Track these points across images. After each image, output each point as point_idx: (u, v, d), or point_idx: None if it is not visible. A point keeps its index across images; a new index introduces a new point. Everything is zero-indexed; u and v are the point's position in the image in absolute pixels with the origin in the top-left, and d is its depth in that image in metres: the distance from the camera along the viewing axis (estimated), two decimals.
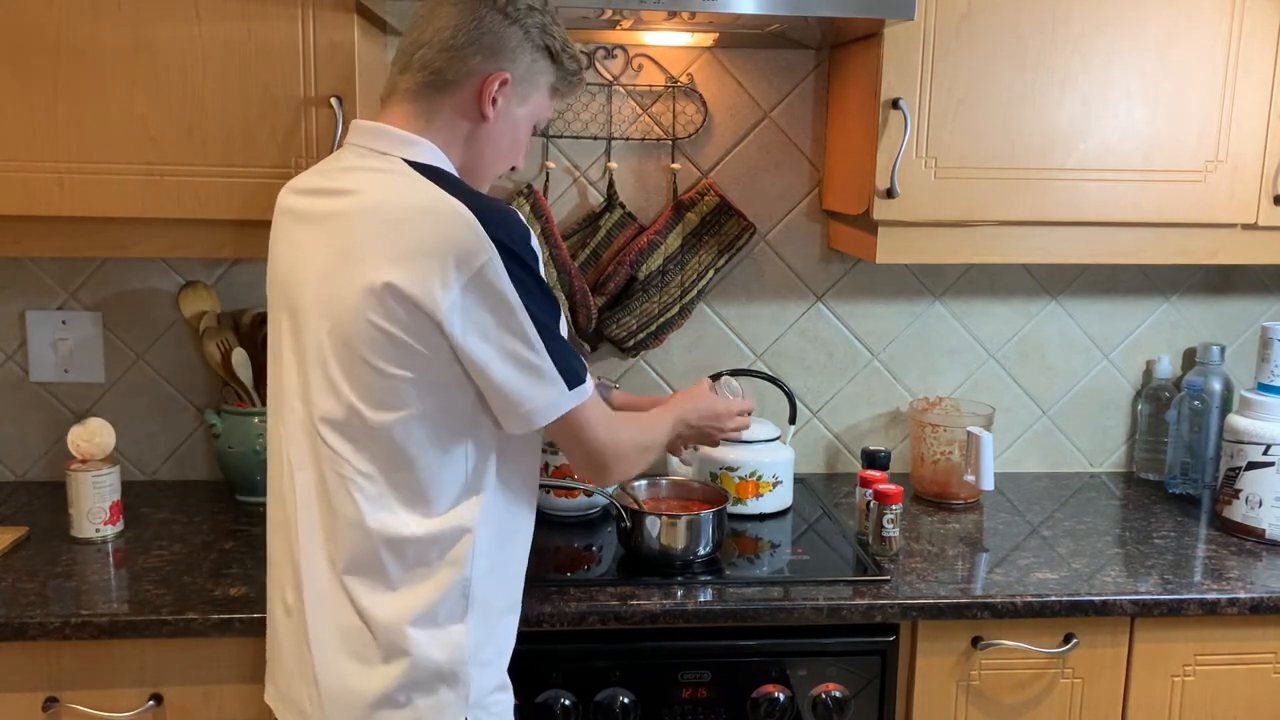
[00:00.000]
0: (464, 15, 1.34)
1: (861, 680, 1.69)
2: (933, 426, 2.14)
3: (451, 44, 1.33)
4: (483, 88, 1.34)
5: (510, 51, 1.35)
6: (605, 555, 1.85)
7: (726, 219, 2.17)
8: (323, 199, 1.35)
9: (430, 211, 1.25)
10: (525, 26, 1.36)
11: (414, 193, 1.28)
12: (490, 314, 1.26)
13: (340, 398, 1.29)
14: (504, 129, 1.39)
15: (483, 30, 1.33)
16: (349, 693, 1.31)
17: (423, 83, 1.35)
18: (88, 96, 1.69)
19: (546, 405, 1.31)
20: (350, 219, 1.29)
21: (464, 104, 1.35)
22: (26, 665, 1.57)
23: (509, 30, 1.35)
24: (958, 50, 1.81)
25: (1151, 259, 1.95)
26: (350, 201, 1.31)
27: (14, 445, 2.16)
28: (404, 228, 1.25)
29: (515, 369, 1.29)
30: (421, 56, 1.34)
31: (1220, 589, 1.73)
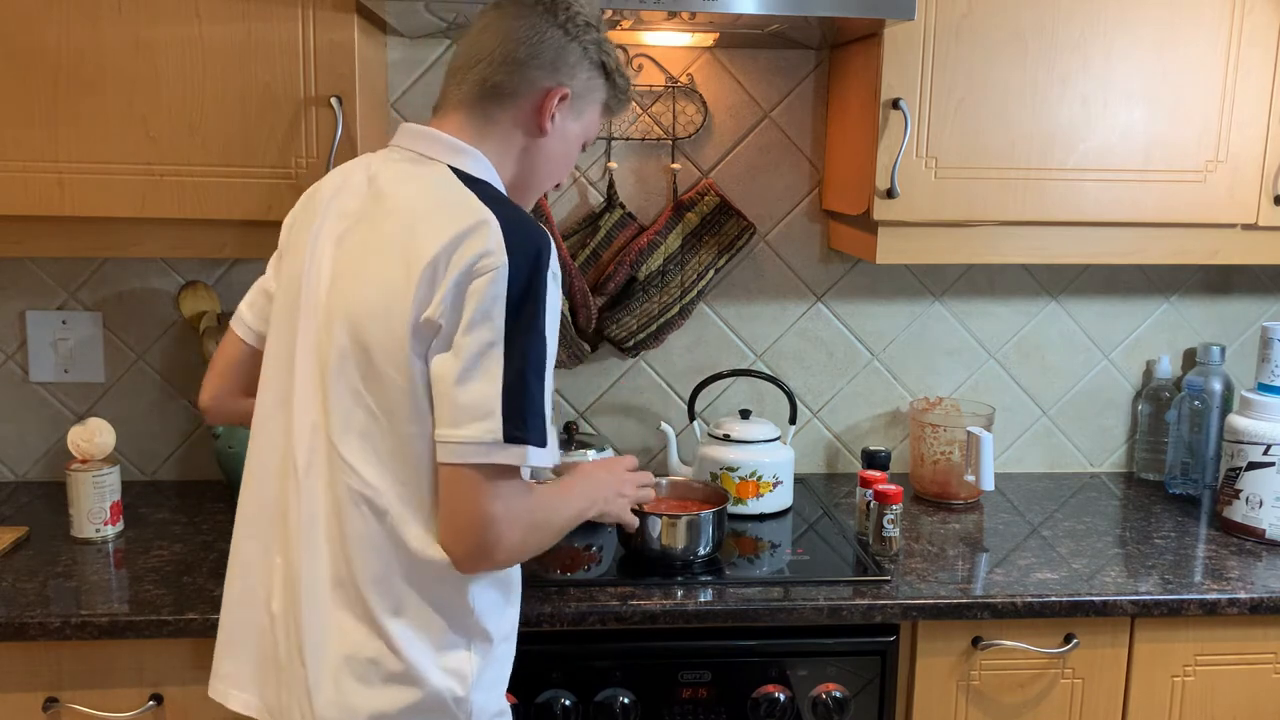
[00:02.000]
0: (525, 29, 1.33)
1: (861, 680, 1.69)
2: (933, 426, 2.14)
3: (514, 57, 1.32)
4: (543, 102, 1.34)
5: (570, 67, 1.36)
6: (605, 555, 1.85)
7: (726, 219, 2.17)
8: (347, 197, 1.33)
9: (454, 210, 1.24)
10: (584, 43, 1.36)
11: (443, 190, 1.27)
12: (466, 316, 1.20)
13: (358, 400, 1.26)
14: (558, 144, 1.39)
15: (544, 45, 1.33)
16: (346, 710, 1.28)
17: (480, 95, 1.34)
18: (88, 96, 1.69)
19: (463, 443, 1.20)
20: (381, 222, 1.27)
21: (522, 117, 1.35)
22: (26, 665, 1.57)
23: (569, 45, 1.35)
24: (958, 50, 1.81)
25: (1151, 259, 1.95)
26: (384, 205, 1.29)
27: (14, 445, 2.16)
28: (423, 227, 1.23)
29: (459, 390, 1.19)
30: (480, 71, 1.34)
31: (1220, 589, 1.73)
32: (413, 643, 1.28)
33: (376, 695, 1.27)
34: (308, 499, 1.29)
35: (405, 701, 1.28)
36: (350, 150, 1.74)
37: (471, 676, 1.31)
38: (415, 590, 1.28)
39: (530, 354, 1.21)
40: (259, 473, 1.37)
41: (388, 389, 1.25)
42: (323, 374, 1.28)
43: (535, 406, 1.22)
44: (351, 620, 1.28)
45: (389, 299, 1.23)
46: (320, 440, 1.29)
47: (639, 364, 2.26)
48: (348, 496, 1.27)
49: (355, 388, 1.26)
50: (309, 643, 1.29)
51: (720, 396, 2.28)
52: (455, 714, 1.30)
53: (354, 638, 1.28)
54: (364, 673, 1.28)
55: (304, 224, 1.38)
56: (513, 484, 1.23)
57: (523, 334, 1.21)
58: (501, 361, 1.20)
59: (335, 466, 1.28)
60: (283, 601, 1.32)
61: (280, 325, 1.37)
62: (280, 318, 1.37)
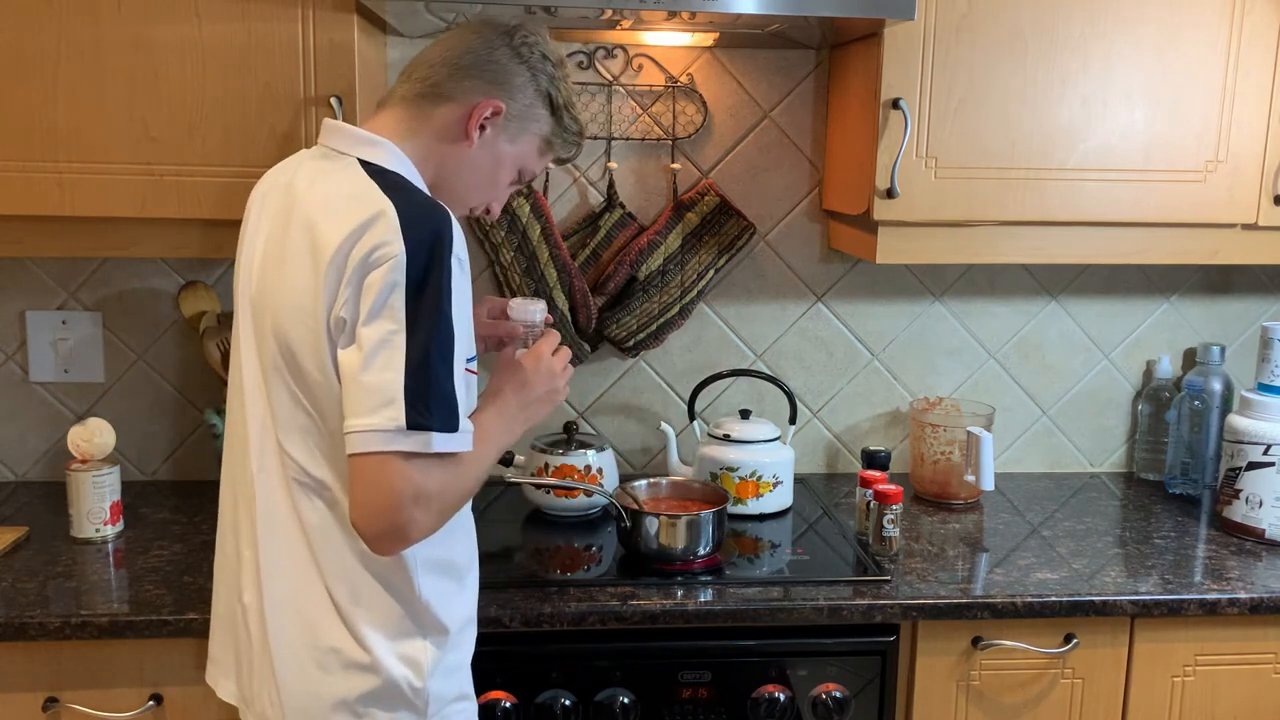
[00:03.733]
0: (478, 42, 1.38)
1: (861, 680, 1.69)
2: (933, 426, 2.14)
3: (457, 63, 1.36)
4: (473, 110, 1.36)
5: (512, 87, 1.38)
6: (605, 555, 1.85)
7: (726, 219, 2.17)
8: (275, 195, 1.36)
9: (353, 203, 1.23)
10: (534, 70, 1.39)
11: (346, 184, 1.28)
12: (365, 308, 1.20)
13: (295, 400, 1.29)
14: (484, 159, 1.39)
15: (492, 60, 1.37)
16: (310, 698, 1.31)
17: (418, 93, 1.37)
18: (88, 96, 1.69)
19: (366, 431, 1.18)
20: (292, 222, 1.29)
21: (451, 122, 1.37)
22: (26, 665, 1.57)
23: (516, 68, 1.38)
24: (958, 50, 1.81)
25: (1151, 259, 1.95)
26: (296, 204, 1.31)
27: (14, 445, 2.16)
28: (326, 224, 1.24)
29: (363, 379, 1.19)
30: (423, 71, 1.38)
31: (1220, 589, 1.73)
32: (371, 631, 1.31)
33: (338, 682, 1.31)
34: (264, 494, 1.33)
35: (364, 688, 1.31)
36: None
37: (427, 665, 1.33)
38: (373, 578, 1.31)
39: (434, 339, 1.20)
40: (228, 469, 1.42)
41: (314, 388, 1.27)
42: (264, 374, 1.32)
43: (440, 391, 1.20)
44: (313, 609, 1.31)
45: (302, 299, 1.25)
46: (269, 438, 1.32)
47: (639, 364, 2.26)
48: (300, 490, 1.30)
49: (290, 388, 1.29)
50: (274, 632, 1.32)
51: (720, 396, 2.28)
52: (413, 702, 1.33)
53: (316, 626, 1.31)
54: (325, 660, 1.31)
55: (247, 223, 1.41)
56: (421, 465, 1.20)
57: (425, 320, 1.20)
58: (403, 349, 1.19)
59: (285, 462, 1.31)
60: (253, 593, 1.35)
61: (235, 327, 1.40)
62: (236, 319, 1.40)
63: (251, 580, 1.35)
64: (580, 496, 1.99)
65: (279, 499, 1.32)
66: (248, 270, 1.36)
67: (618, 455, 2.19)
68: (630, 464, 2.29)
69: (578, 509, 2.01)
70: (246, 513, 1.36)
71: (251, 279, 1.34)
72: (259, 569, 1.34)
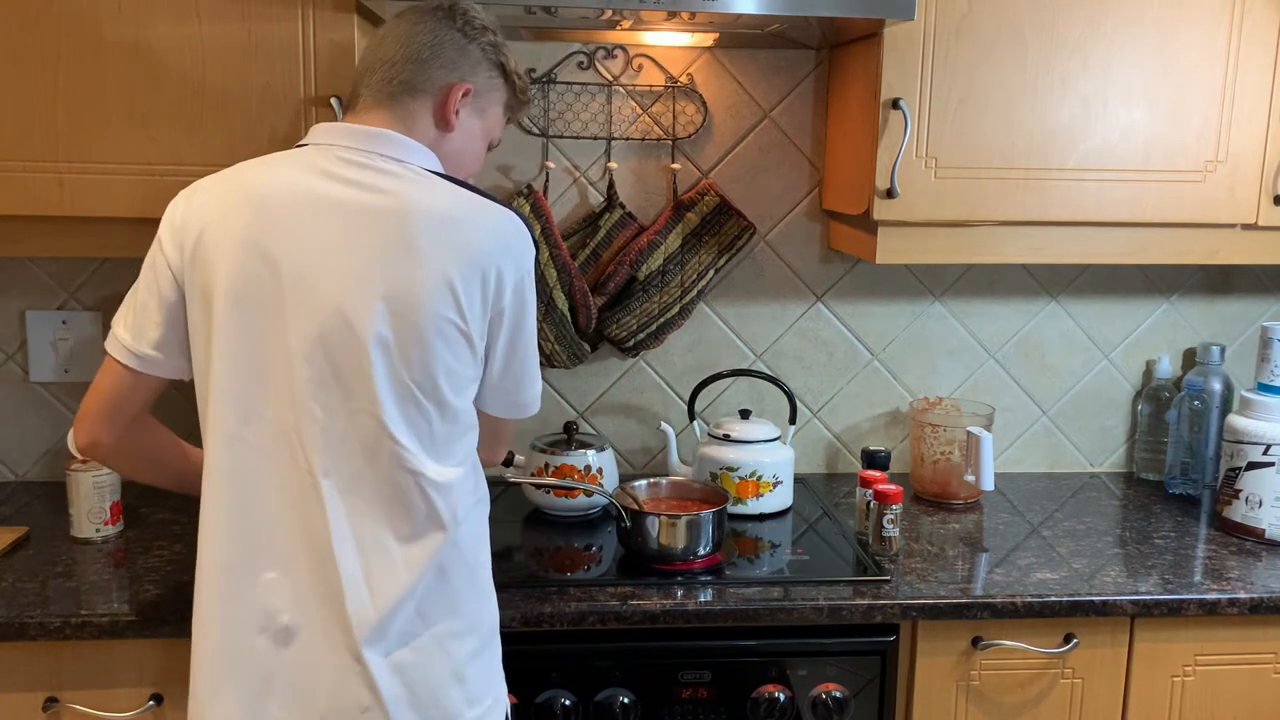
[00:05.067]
0: (425, 33, 1.40)
1: (861, 680, 1.69)
2: (933, 426, 2.14)
3: (416, 57, 1.39)
4: (448, 97, 1.40)
5: (471, 65, 1.42)
6: (605, 555, 1.85)
7: (726, 219, 2.17)
8: (356, 191, 1.31)
9: (486, 217, 1.34)
10: (481, 44, 1.43)
11: (462, 199, 1.35)
12: (523, 314, 1.38)
13: (426, 393, 1.31)
14: (464, 139, 1.45)
15: (444, 46, 1.40)
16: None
17: (391, 93, 1.39)
18: (88, 96, 1.69)
19: (534, 399, 1.46)
20: (402, 219, 1.29)
21: (431, 112, 1.41)
22: (26, 665, 1.57)
23: (469, 46, 1.42)
24: (958, 50, 1.81)
25: (1151, 259, 1.95)
26: (395, 201, 1.30)
27: (14, 445, 2.16)
28: (464, 231, 1.31)
29: (530, 364, 1.43)
30: (385, 71, 1.39)
31: (1220, 589, 1.73)
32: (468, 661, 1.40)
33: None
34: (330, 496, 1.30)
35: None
36: None
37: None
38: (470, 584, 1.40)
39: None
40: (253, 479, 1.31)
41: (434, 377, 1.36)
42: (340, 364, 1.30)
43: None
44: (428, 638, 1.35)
45: (431, 296, 1.31)
46: (359, 434, 1.31)
47: (639, 364, 2.26)
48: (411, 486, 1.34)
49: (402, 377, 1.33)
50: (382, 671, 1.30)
51: (720, 396, 2.28)
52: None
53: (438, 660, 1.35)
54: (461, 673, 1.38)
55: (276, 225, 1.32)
56: None
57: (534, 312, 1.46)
58: (534, 338, 1.47)
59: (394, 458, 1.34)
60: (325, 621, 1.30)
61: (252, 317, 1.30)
62: (248, 310, 1.30)
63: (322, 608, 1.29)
64: (580, 496, 1.99)
65: (372, 504, 1.30)
66: (320, 263, 1.29)
67: (618, 455, 2.19)
68: (630, 464, 2.29)
69: (578, 509, 2.01)
70: (317, 527, 1.30)
71: (338, 274, 1.28)
72: (341, 594, 1.29)
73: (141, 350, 1.37)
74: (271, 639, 1.31)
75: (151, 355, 1.37)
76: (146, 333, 1.36)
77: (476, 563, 1.39)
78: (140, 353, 1.37)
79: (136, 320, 1.37)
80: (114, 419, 1.40)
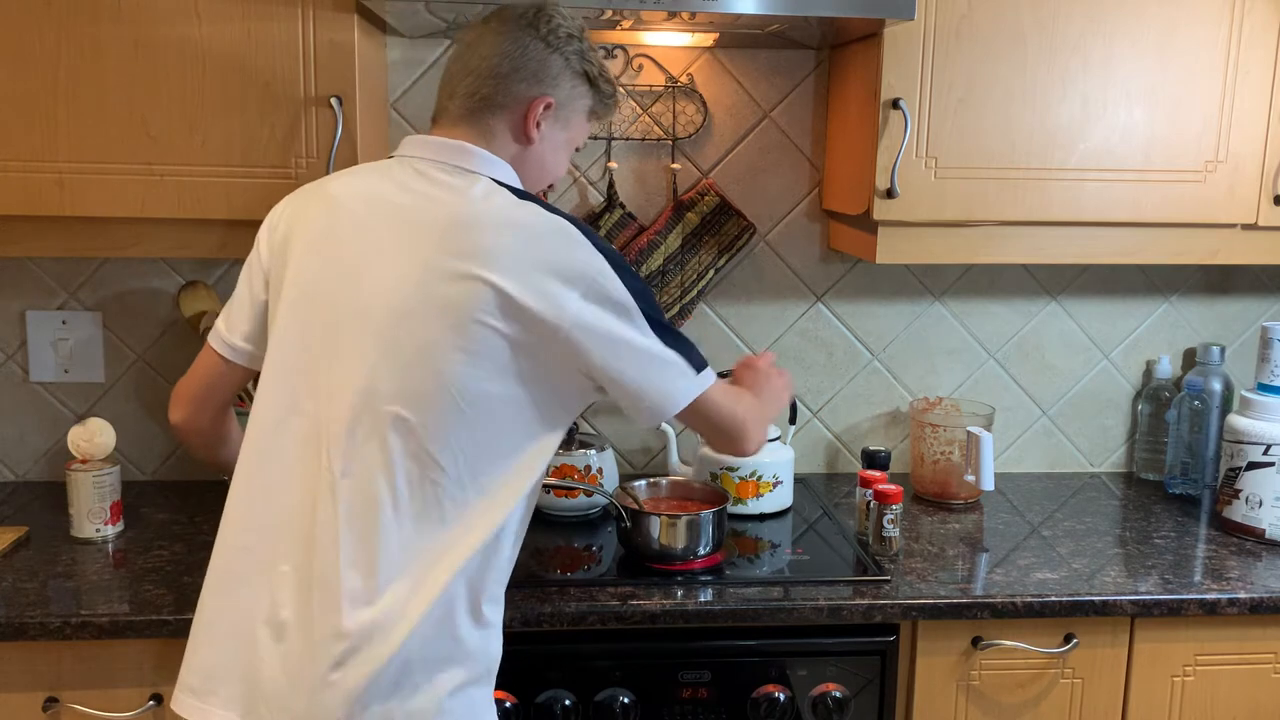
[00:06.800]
0: (508, 44, 1.41)
1: (861, 680, 1.69)
2: (933, 426, 2.14)
3: (498, 71, 1.40)
4: (528, 112, 1.41)
5: (553, 78, 1.43)
6: (605, 555, 1.85)
7: (726, 219, 2.17)
8: (413, 198, 1.35)
9: (544, 228, 1.32)
10: (565, 54, 1.43)
11: (523, 209, 1.34)
12: (613, 319, 1.32)
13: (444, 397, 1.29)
14: (545, 151, 1.46)
15: (527, 58, 1.41)
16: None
17: (472, 108, 1.41)
18: (88, 96, 1.69)
19: (678, 392, 1.38)
20: (458, 227, 1.30)
21: (512, 127, 1.42)
22: (26, 665, 1.57)
23: (552, 58, 1.42)
24: (958, 50, 1.81)
25: (1151, 259, 1.95)
26: (454, 210, 1.32)
27: (14, 445, 2.16)
28: (522, 242, 1.30)
29: (645, 365, 1.35)
30: (468, 84, 1.41)
31: (1220, 589, 1.73)
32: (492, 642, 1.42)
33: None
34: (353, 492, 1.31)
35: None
36: (350, 150, 1.74)
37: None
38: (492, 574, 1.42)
39: (654, 309, 1.41)
40: (277, 475, 1.34)
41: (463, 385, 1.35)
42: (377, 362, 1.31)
43: (684, 339, 1.44)
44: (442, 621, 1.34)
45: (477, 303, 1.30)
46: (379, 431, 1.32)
47: None
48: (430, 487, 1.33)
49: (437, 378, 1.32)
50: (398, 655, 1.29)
51: None
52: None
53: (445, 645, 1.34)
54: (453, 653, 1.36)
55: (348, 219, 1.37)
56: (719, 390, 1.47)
57: (642, 299, 1.38)
58: (651, 330, 1.40)
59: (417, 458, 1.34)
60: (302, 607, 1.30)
61: (303, 318, 1.36)
62: (301, 310, 1.36)
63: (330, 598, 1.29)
64: (580, 496, 1.99)
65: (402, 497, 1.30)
66: (372, 268, 1.32)
67: (618, 455, 2.19)
68: (630, 464, 2.29)
69: (578, 509, 2.01)
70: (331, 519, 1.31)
71: (389, 278, 1.30)
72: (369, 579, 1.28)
73: (233, 341, 1.47)
74: (271, 632, 1.30)
75: (241, 346, 1.47)
76: (238, 325, 1.47)
77: (484, 597, 1.37)
78: (232, 343, 1.47)
79: (232, 313, 1.48)
80: (205, 402, 1.53)
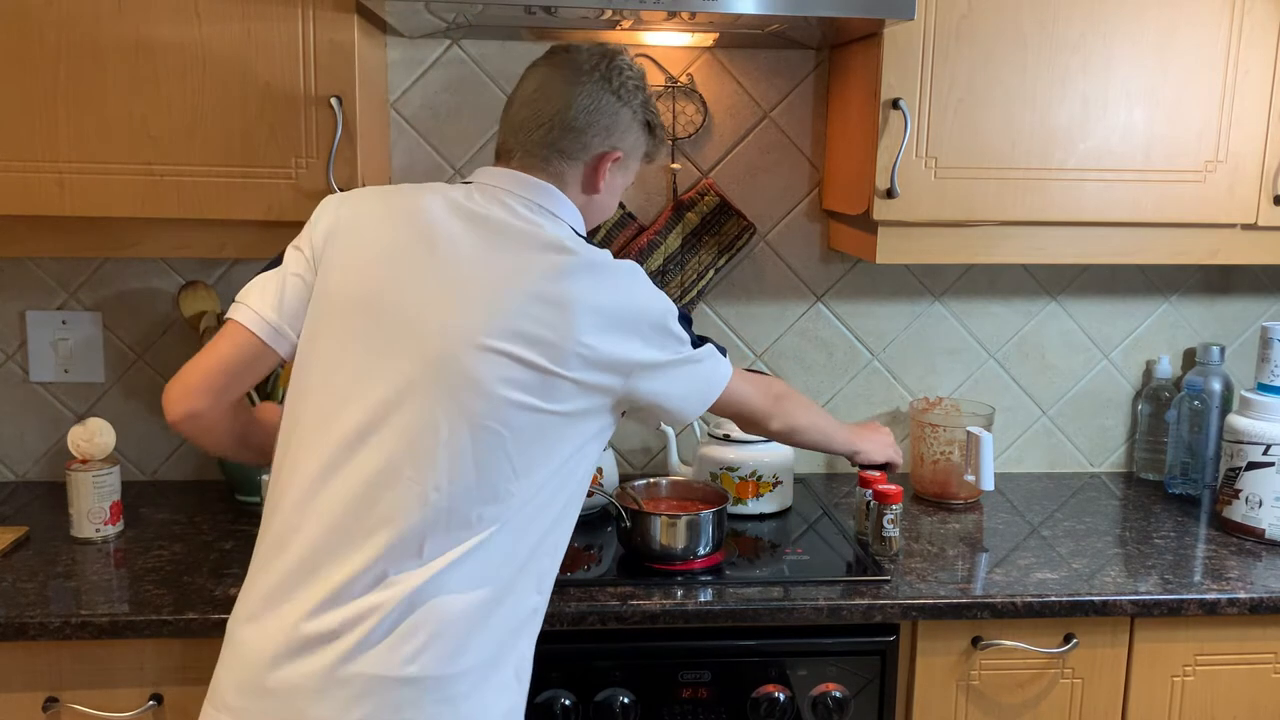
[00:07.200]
0: (584, 98, 1.43)
1: (861, 680, 1.69)
2: (933, 426, 2.14)
3: (574, 125, 1.43)
4: (599, 165, 1.46)
5: (622, 131, 1.47)
6: (605, 555, 1.85)
7: (726, 219, 2.17)
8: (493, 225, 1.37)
9: (633, 281, 1.39)
10: (633, 107, 1.47)
11: (610, 262, 1.39)
12: (668, 354, 1.41)
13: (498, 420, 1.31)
14: (607, 198, 1.52)
15: (600, 112, 1.44)
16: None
17: (544, 157, 1.43)
18: (88, 96, 1.69)
19: (714, 380, 1.51)
20: (549, 265, 1.34)
21: (581, 177, 1.46)
22: (26, 665, 1.57)
23: (622, 110, 1.46)
24: (958, 50, 1.81)
25: (1151, 259, 1.95)
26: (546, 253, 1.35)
27: (14, 445, 2.16)
28: (609, 292, 1.35)
29: (686, 379, 1.45)
30: (541, 134, 1.43)
31: (1220, 589, 1.73)
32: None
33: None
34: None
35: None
36: (350, 150, 1.74)
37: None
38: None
39: (684, 323, 1.51)
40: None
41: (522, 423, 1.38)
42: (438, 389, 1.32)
43: (704, 338, 1.56)
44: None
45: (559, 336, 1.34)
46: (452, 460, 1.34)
47: None
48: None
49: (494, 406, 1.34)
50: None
51: None
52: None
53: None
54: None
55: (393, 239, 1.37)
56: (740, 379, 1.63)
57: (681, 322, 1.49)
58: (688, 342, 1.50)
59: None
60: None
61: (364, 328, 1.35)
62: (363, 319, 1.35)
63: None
64: None
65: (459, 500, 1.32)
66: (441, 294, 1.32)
67: (618, 455, 2.19)
68: (630, 464, 2.29)
69: None
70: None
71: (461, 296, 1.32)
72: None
73: (277, 321, 1.39)
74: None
75: (285, 329, 1.39)
76: (286, 305, 1.39)
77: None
78: (275, 323, 1.39)
79: (276, 294, 1.39)
80: (224, 391, 1.42)
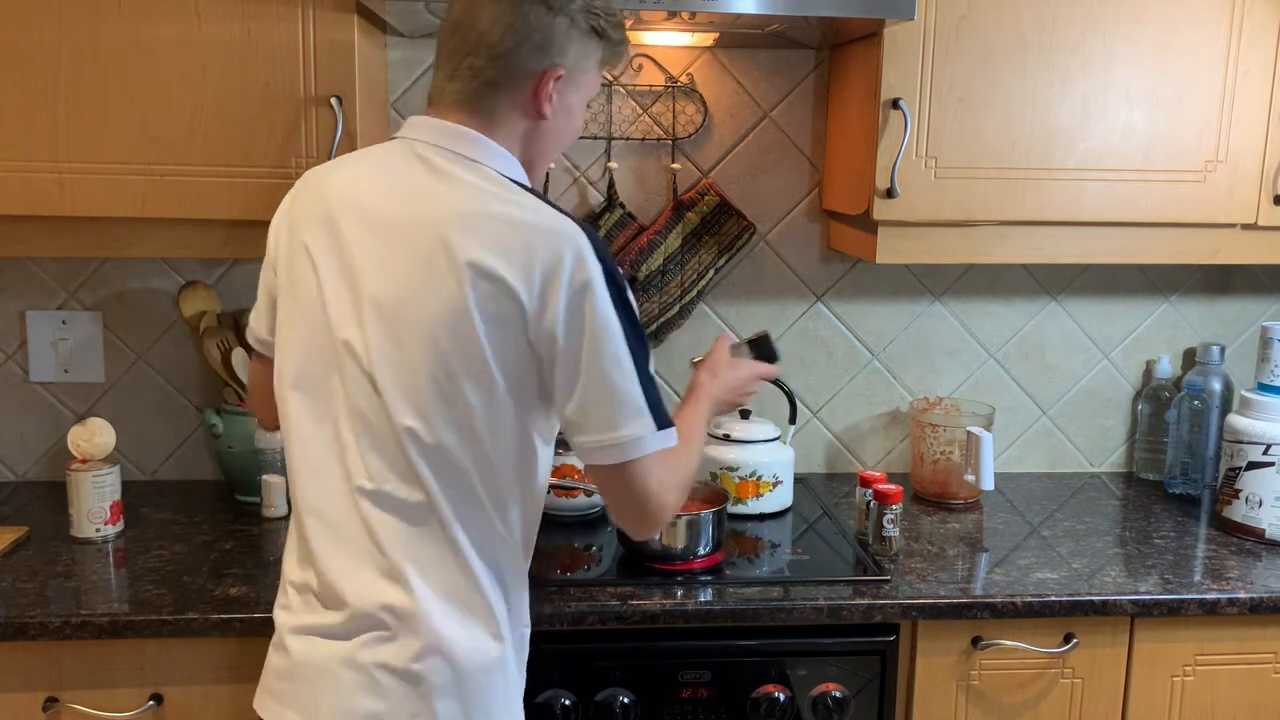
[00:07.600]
0: (508, 14, 1.28)
1: (861, 680, 1.69)
2: (933, 426, 2.14)
3: (501, 48, 1.28)
4: (539, 87, 1.30)
5: (559, 44, 1.30)
6: (605, 555, 1.85)
7: (726, 219, 2.17)
8: (406, 202, 1.28)
9: (545, 228, 1.24)
10: (570, 14, 1.30)
11: (527, 208, 1.26)
12: (592, 333, 1.23)
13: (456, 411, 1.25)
14: (561, 120, 1.36)
15: (530, 28, 1.28)
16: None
17: (475, 90, 1.30)
18: (88, 96, 1.69)
19: (630, 440, 1.26)
20: (458, 221, 1.24)
21: (521, 104, 1.31)
22: (26, 665, 1.57)
23: (555, 22, 1.29)
24: (958, 50, 1.81)
25: (1151, 259, 1.95)
26: (454, 207, 1.25)
27: (14, 445, 2.16)
28: (521, 240, 1.22)
29: (608, 396, 1.25)
30: (470, 64, 1.30)
31: (1220, 589, 1.73)
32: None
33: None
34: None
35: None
36: (350, 149, 1.73)
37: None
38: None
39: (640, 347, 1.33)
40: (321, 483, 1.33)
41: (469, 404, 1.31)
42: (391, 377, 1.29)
43: (658, 391, 1.34)
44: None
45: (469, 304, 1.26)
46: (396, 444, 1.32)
47: None
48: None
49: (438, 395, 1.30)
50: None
51: None
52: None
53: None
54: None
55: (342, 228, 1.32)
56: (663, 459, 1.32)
57: (631, 331, 1.30)
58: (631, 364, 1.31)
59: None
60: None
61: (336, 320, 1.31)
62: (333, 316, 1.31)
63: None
64: (580, 496, 1.99)
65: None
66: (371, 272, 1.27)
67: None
68: None
69: (578, 509, 2.01)
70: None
71: (387, 283, 1.26)
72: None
73: (262, 336, 1.44)
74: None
75: (268, 340, 1.42)
76: (262, 318, 1.43)
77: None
78: (261, 339, 1.45)
79: (266, 310, 1.43)
80: (267, 402, 1.42)
